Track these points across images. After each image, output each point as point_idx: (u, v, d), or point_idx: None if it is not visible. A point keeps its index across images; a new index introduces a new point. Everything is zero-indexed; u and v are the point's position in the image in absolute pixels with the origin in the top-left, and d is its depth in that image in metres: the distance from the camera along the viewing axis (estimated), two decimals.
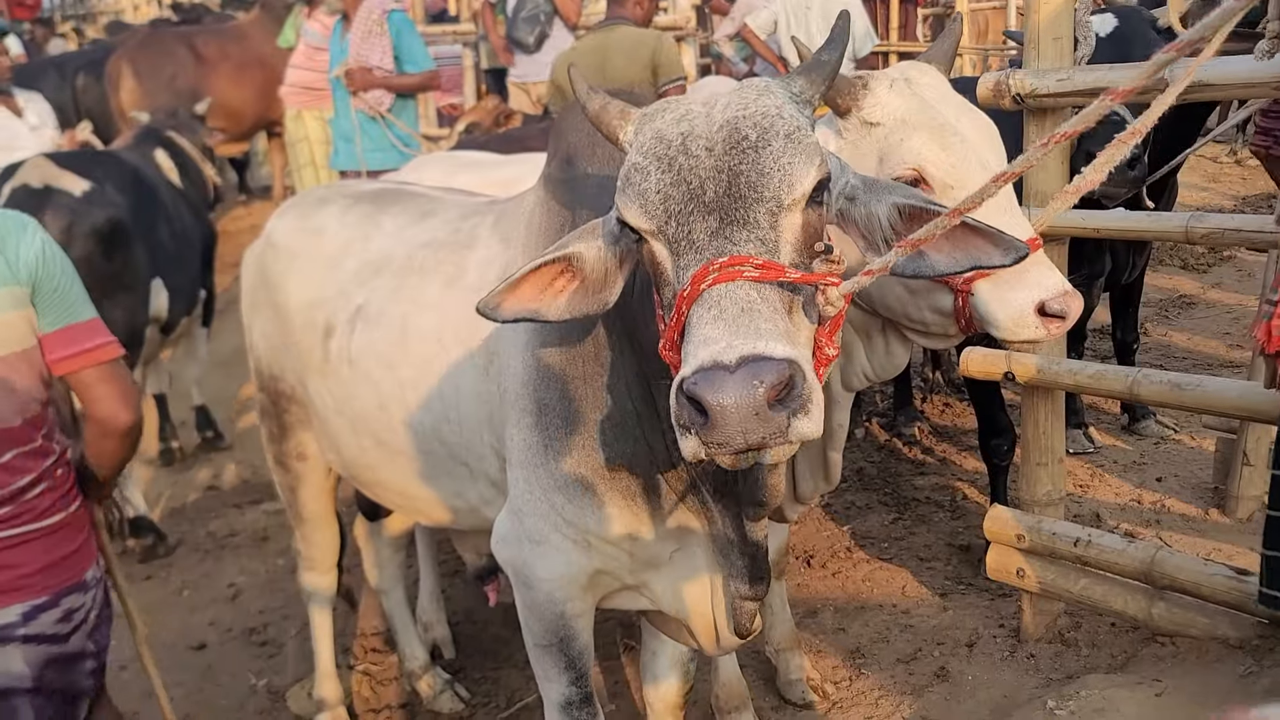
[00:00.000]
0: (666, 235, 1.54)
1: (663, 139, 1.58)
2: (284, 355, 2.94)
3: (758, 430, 1.34)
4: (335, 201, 2.92)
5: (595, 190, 2.12)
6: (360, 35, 6.34)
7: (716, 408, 1.33)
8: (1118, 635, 3.22)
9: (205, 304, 5.84)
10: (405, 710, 3.67)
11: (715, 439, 1.36)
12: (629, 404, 2.04)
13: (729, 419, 1.33)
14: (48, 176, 4.57)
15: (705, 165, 1.53)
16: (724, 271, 1.44)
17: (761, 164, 1.52)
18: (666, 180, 1.54)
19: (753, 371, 1.33)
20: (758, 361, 1.34)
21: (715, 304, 1.42)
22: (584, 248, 1.75)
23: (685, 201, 1.52)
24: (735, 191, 1.51)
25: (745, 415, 1.33)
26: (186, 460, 6.13)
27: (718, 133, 1.55)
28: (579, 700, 2.33)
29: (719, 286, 1.44)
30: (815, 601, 3.77)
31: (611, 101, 1.71)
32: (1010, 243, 1.66)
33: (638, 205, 1.57)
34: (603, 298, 1.77)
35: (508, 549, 2.31)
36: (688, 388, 1.36)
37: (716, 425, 1.34)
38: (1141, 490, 4.18)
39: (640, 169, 1.57)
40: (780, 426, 1.35)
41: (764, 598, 2.14)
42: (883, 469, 4.78)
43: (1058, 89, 2.89)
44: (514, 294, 1.76)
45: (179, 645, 4.21)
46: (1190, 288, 6.41)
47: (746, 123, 1.55)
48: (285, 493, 3.24)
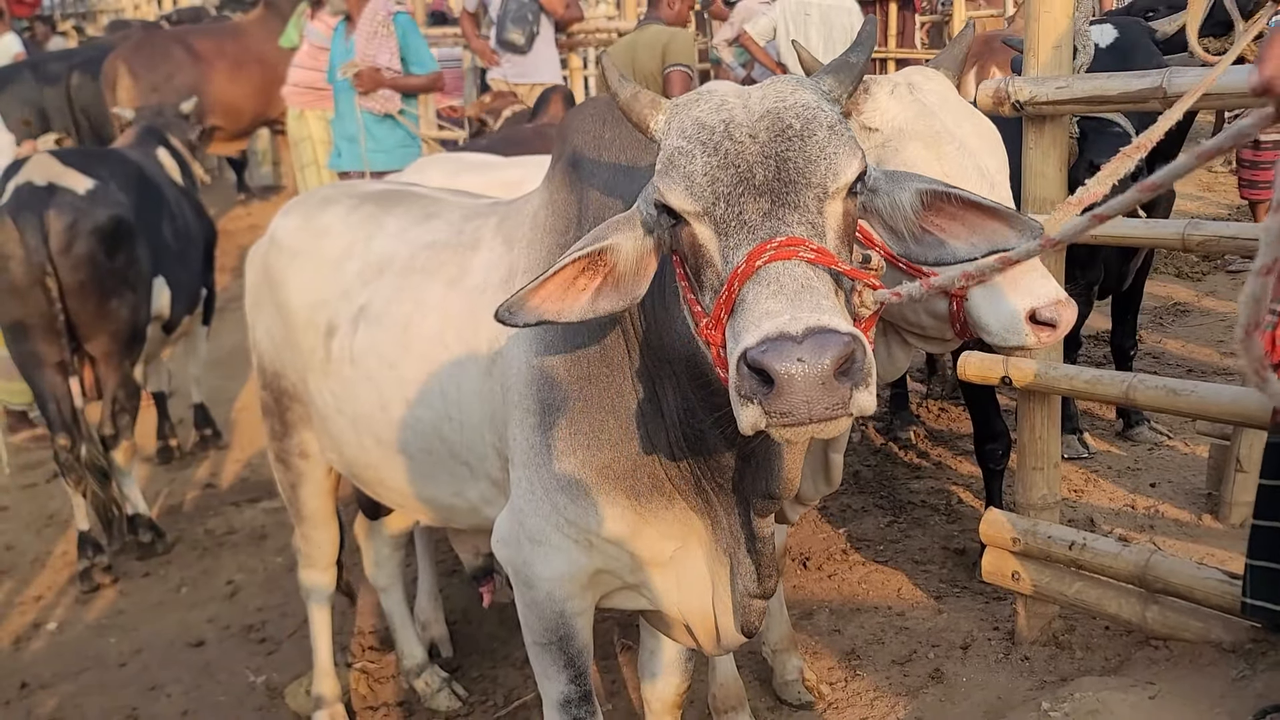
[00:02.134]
0: (713, 216, 1.56)
1: (704, 125, 1.60)
2: (286, 353, 2.96)
3: (822, 400, 1.36)
4: (340, 201, 2.94)
5: (603, 190, 2.13)
6: (366, 36, 6.36)
7: (785, 376, 1.35)
8: (1112, 638, 3.25)
9: (206, 302, 5.85)
10: (403, 708, 3.69)
11: (779, 408, 1.37)
12: (634, 403, 2.06)
13: (795, 388, 1.35)
14: (52, 174, 4.59)
15: (751, 150, 1.55)
16: (781, 249, 1.47)
17: (809, 151, 1.55)
18: (714, 163, 1.56)
19: (820, 342, 1.35)
20: (824, 333, 1.36)
21: (775, 280, 1.44)
22: (621, 239, 1.74)
23: (734, 184, 1.55)
24: (785, 176, 1.54)
25: (812, 384, 1.35)
26: (185, 458, 6.13)
27: (759, 121, 1.58)
28: (578, 698, 2.35)
29: (777, 264, 1.46)
30: (811, 603, 3.79)
31: (642, 91, 1.73)
32: (1026, 223, 1.67)
33: (683, 187, 1.58)
34: (634, 291, 1.77)
35: (508, 548, 2.32)
36: (753, 357, 1.37)
37: (783, 394, 1.36)
38: (1136, 495, 4.20)
39: (685, 152, 1.59)
40: (843, 398, 1.37)
41: (773, 594, 2.16)
42: (879, 472, 4.80)
43: (1057, 96, 2.92)
44: (536, 295, 1.74)
45: (177, 642, 4.22)
46: (1185, 295, 6.45)
47: (789, 113, 1.58)
48: (286, 490, 3.26)
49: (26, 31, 12.60)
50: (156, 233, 5.03)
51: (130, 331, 4.79)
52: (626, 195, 2.05)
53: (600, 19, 9.55)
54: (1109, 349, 5.61)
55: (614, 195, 2.10)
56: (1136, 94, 2.76)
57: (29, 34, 12.56)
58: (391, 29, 6.49)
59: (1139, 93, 2.76)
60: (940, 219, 1.71)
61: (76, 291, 4.52)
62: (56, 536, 5.28)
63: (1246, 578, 2.50)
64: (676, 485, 2.10)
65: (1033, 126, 3.06)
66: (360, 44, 6.36)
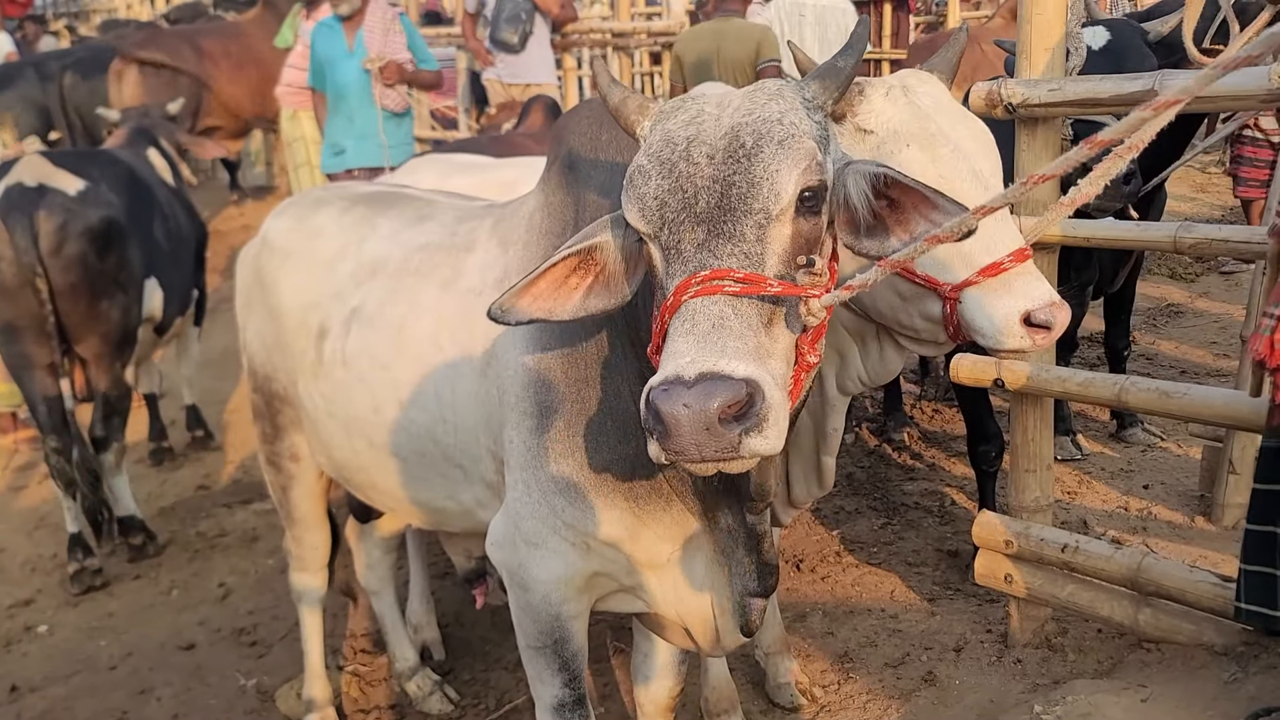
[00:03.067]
0: (660, 241, 1.58)
1: (670, 142, 1.60)
2: (277, 356, 2.95)
3: (709, 444, 1.40)
4: (332, 203, 2.92)
5: (599, 193, 2.13)
6: (380, 33, 6.35)
7: (671, 421, 1.39)
8: (1104, 641, 3.25)
9: (197, 304, 5.83)
10: (394, 711, 3.68)
11: (671, 448, 1.42)
12: (632, 405, 2.06)
13: (682, 432, 1.39)
14: (42, 175, 4.57)
15: (704, 174, 1.55)
16: (705, 285, 1.48)
17: (753, 174, 1.54)
18: (664, 186, 1.57)
19: (707, 389, 1.38)
20: (714, 380, 1.39)
21: (690, 318, 1.47)
22: (609, 238, 1.76)
23: (679, 210, 1.55)
24: (726, 204, 1.53)
25: (696, 429, 1.39)
26: (176, 460, 6.12)
27: (721, 139, 1.57)
28: (572, 702, 2.34)
29: (697, 300, 1.48)
30: (804, 605, 3.79)
31: (631, 95, 1.73)
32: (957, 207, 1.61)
33: (636, 208, 1.60)
34: (622, 291, 1.78)
35: (503, 551, 2.32)
36: (651, 397, 1.42)
37: (671, 436, 1.41)
38: (1129, 497, 4.21)
39: (643, 172, 1.60)
40: (731, 443, 1.40)
41: (773, 592, 2.16)
42: (872, 474, 4.80)
43: (1049, 99, 2.92)
44: (529, 293, 1.76)
45: (168, 645, 4.20)
46: (1178, 297, 6.46)
47: (746, 130, 1.57)
48: (277, 493, 3.25)
49: (18, 31, 12.55)
50: (148, 234, 5.02)
51: (121, 333, 4.77)
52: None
53: (595, 19, 9.56)
54: (1101, 351, 5.63)
55: (610, 197, 2.09)
56: (1129, 97, 2.76)
57: (20, 33, 12.51)
58: (400, 26, 6.50)
59: (1131, 95, 2.75)
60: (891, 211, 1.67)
61: (67, 293, 4.50)
62: (47, 539, 5.26)
63: (1240, 582, 2.50)
64: (674, 487, 2.10)
65: (1025, 129, 3.06)
66: (375, 40, 6.33)
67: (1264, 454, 2.45)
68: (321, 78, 6.55)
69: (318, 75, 6.58)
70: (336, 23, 6.47)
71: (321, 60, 6.51)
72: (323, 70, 6.52)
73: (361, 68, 6.33)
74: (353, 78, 6.38)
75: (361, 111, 6.40)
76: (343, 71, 6.41)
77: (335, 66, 6.42)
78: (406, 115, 6.69)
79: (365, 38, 6.36)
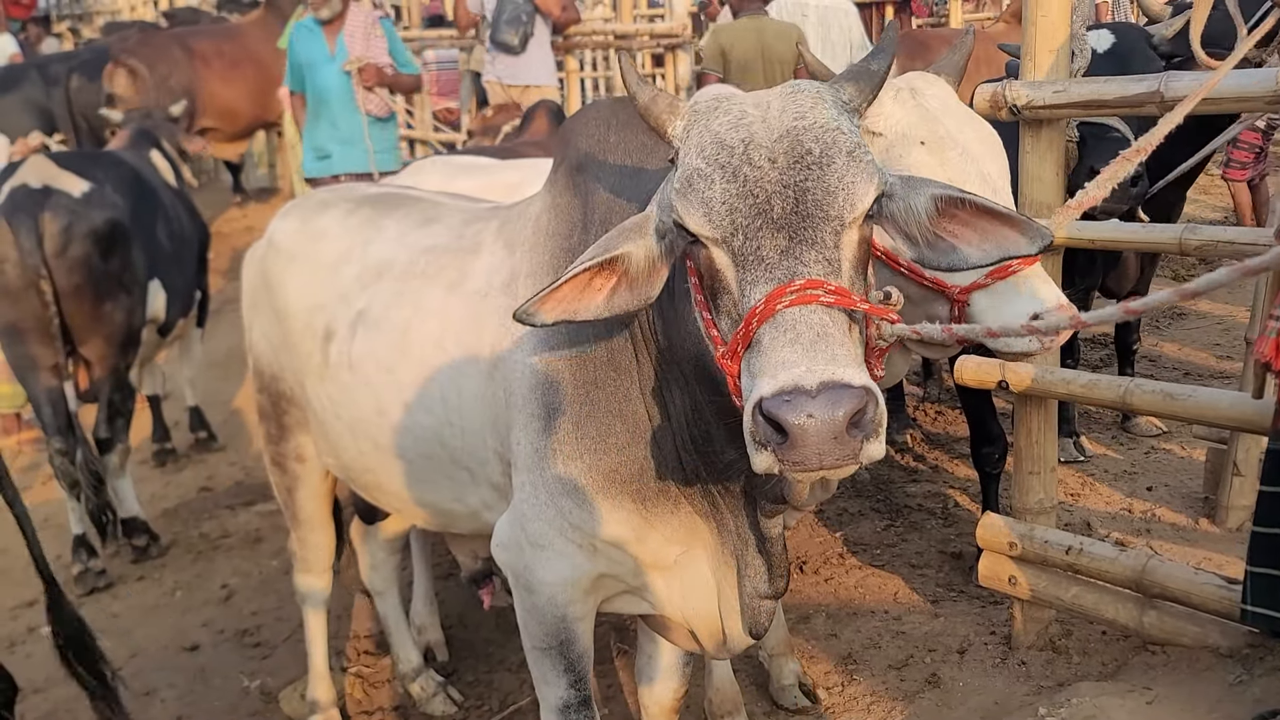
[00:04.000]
0: (731, 246, 1.56)
1: (723, 144, 1.59)
2: (284, 357, 2.95)
3: (834, 453, 1.40)
4: (338, 205, 2.93)
5: (609, 194, 2.13)
6: (361, 36, 6.33)
7: (798, 431, 1.38)
8: (1108, 643, 3.24)
9: (200, 305, 5.84)
10: (398, 713, 3.68)
11: (792, 458, 1.41)
12: (641, 408, 2.06)
13: (809, 442, 1.39)
14: (47, 176, 4.58)
15: (770, 178, 1.55)
16: (801, 294, 1.48)
17: (827, 182, 1.54)
18: (732, 191, 1.55)
19: (833, 398, 1.38)
20: (838, 388, 1.39)
21: (791, 327, 1.46)
22: (633, 248, 1.76)
23: (753, 216, 1.54)
24: (802, 210, 1.53)
25: (823, 439, 1.38)
26: (179, 461, 6.12)
27: (778, 143, 1.57)
28: (577, 703, 2.34)
29: (794, 309, 1.47)
30: (808, 607, 3.79)
31: (660, 94, 1.73)
32: (1037, 230, 1.69)
33: (701, 213, 1.58)
34: (647, 293, 1.79)
35: (509, 553, 2.32)
36: (767, 408, 1.40)
37: (796, 446, 1.39)
38: (1132, 499, 4.20)
39: (704, 175, 1.58)
40: (854, 450, 1.41)
41: (783, 594, 2.16)
42: (875, 476, 4.80)
43: (1054, 100, 2.91)
44: (552, 299, 1.77)
45: (172, 646, 4.21)
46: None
47: (808, 135, 1.57)
48: (282, 494, 3.25)
49: (21, 33, 12.57)
50: (151, 235, 5.02)
51: (125, 334, 4.78)
52: (634, 199, 2.05)
53: (597, 20, 9.55)
54: (1104, 353, 5.63)
55: (621, 199, 2.09)
56: (1134, 98, 2.76)
57: (23, 35, 12.53)
58: (381, 30, 6.48)
59: (1136, 97, 2.75)
60: (953, 224, 1.72)
61: (71, 294, 4.51)
62: (51, 540, 5.24)
63: (1246, 584, 2.49)
64: (683, 489, 2.10)
65: (1030, 130, 3.06)
66: (357, 44, 6.30)
67: (1270, 456, 2.45)
68: (300, 80, 6.46)
69: (296, 77, 6.50)
70: (316, 26, 6.37)
71: (301, 63, 6.42)
72: (301, 72, 6.43)
73: (342, 71, 6.28)
74: (335, 82, 6.32)
75: (345, 116, 6.35)
76: (324, 75, 6.34)
77: (316, 70, 6.34)
78: (391, 120, 6.63)
79: (346, 42, 6.31)
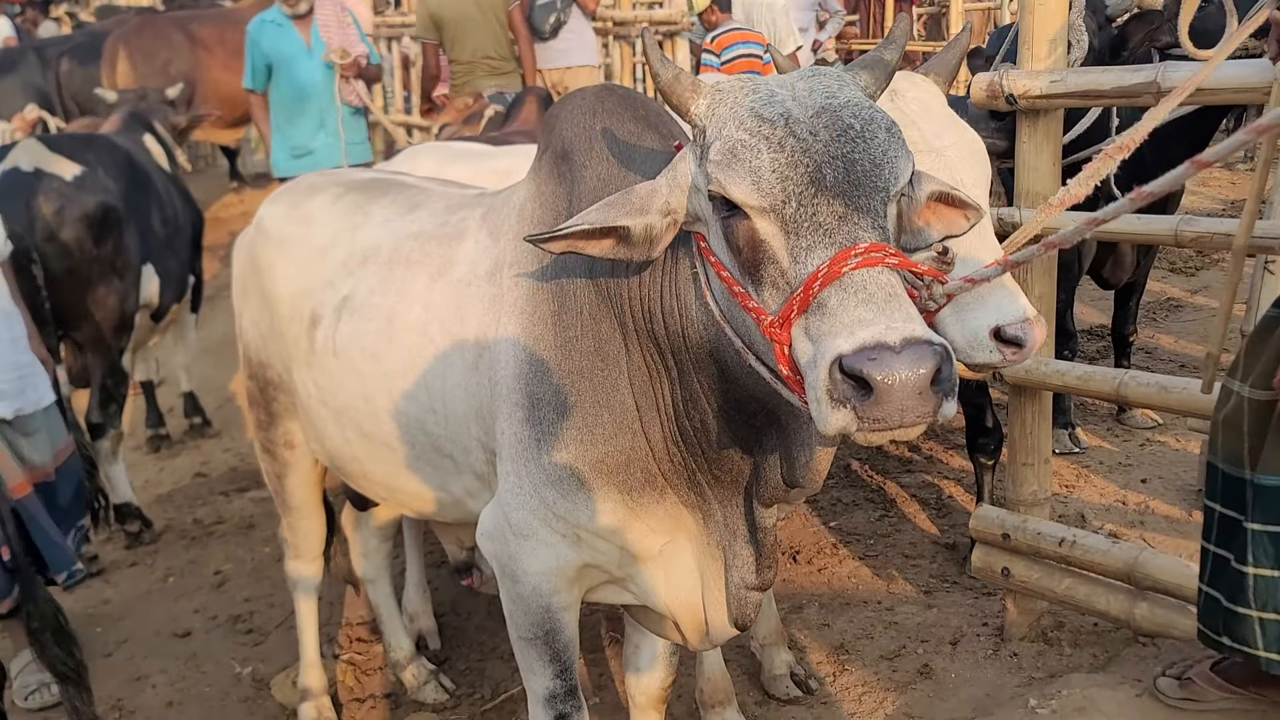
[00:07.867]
0: (782, 215, 1.56)
1: (763, 118, 1.60)
2: (272, 343, 2.93)
3: (916, 409, 1.40)
4: (326, 190, 2.90)
5: (596, 183, 2.11)
6: (336, 27, 6.22)
7: (885, 386, 1.38)
8: (1100, 635, 3.24)
9: (194, 290, 5.82)
10: (389, 700, 3.67)
11: (874, 414, 1.40)
12: (630, 398, 2.05)
13: (894, 397, 1.39)
14: (39, 160, 4.55)
15: (816, 149, 1.55)
16: (867, 256, 1.48)
17: (873, 155, 1.56)
18: (781, 160, 1.56)
19: (918, 353, 1.39)
20: (920, 344, 1.40)
21: (862, 287, 1.46)
22: (632, 223, 1.78)
23: (805, 183, 1.54)
24: (854, 178, 1.55)
25: (909, 394, 1.38)
26: (173, 447, 6.11)
27: (815, 118, 1.58)
28: (563, 693, 2.34)
29: (862, 271, 1.47)
30: (800, 597, 3.78)
31: (682, 73, 1.73)
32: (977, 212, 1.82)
33: (749, 181, 1.57)
34: (649, 253, 1.82)
35: (493, 543, 2.31)
36: (849, 364, 1.40)
37: (880, 402, 1.39)
38: (1126, 491, 4.20)
39: (748, 146, 1.58)
40: (934, 406, 1.41)
41: (771, 585, 2.16)
42: (869, 466, 4.79)
43: (1051, 90, 2.90)
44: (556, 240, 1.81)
45: (164, 632, 4.20)
46: (1178, 291, 6.44)
47: (846, 112, 1.59)
48: (272, 480, 3.24)
49: (19, 16, 12.51)
50: (145, 220, 5.00)
51: (118, 319, 4.76)
52: (620, 187, 2.03)
53: (616, 13, 9.42)
54: (1100, 344, 5.62)
55: (609, 188, 2.07)
56: (1130, 89, 2.75)
57: (20, 18, 12.48)
58: (350, 18, 6.41)
59: (1133, 87, 2.74)
60: (928, 214, 1.80)
61: (63, 278, 4.49)
62: None
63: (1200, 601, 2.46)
64: (669, 479, 2.09)
65: (1026, 120, 3.04)
66: (333, 35, 6.18)
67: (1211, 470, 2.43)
68: (263, 78, 6.27)
69: (258, 76, 6.28)
70: (286, 20, 6.20)
71: (272, 60, 6.21)
72: (266, 70, 6.23)
73: (323, 62, 6.13)
74: (318, 76, 6.17)
75: (331, 111, 6.22)
76: (305, 70, 6.17)
77: (294, 65, 6.17)
78: (361, 110, 6.50)
79: (321, 33, 6.18)
